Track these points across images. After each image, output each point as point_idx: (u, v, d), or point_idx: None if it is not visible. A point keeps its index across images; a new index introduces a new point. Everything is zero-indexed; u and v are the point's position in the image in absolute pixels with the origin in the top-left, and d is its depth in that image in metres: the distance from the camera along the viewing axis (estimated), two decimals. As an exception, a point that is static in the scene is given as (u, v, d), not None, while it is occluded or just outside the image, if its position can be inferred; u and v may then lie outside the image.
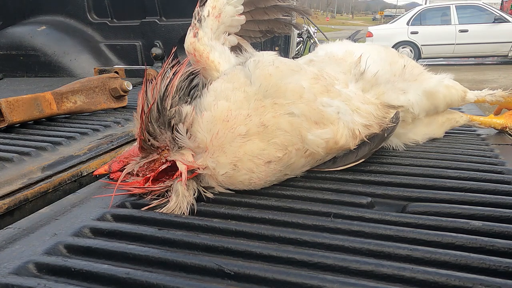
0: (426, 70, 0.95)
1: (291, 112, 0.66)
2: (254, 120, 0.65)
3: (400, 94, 0.84)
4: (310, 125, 0.68)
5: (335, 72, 0.81)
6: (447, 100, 0.92)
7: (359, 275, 0.48)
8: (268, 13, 0.96)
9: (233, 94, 0.67)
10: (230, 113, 0.65)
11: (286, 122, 0.66)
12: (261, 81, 0.67)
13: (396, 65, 0.88)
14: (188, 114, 0.65)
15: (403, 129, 0.90)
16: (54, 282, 0.48)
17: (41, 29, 2.36)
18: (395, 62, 0.89)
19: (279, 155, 0.66)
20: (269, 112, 0.66)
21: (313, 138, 0.68)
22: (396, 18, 10.54)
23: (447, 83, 0.92)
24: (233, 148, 0.64)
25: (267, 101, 0.66)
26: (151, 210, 0.64)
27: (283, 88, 0.67)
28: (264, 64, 0.69)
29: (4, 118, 1.08)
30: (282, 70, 0.69)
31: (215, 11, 0.84)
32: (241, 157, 0.65)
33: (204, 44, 0.81)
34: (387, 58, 0.89)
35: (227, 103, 0.66)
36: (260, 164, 0.66)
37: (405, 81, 0.87)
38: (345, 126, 0.72)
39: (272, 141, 0.65)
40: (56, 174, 0.85)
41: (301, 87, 0.69)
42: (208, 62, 0.81)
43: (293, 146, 0.67)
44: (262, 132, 0.65)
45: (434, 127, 0.98)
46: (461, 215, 0.61)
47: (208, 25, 0.83)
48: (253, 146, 0.65)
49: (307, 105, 0.68)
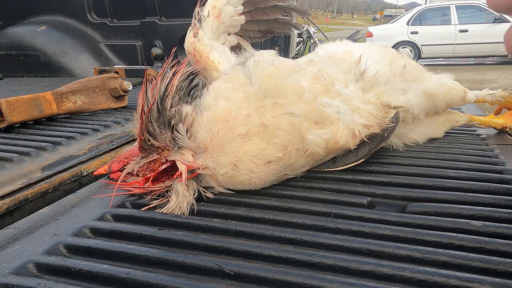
0: (426, 70, 0.95)
1: (291, 112, 0.66)
2: (254, 120, 0.65)
3: (400, 94, 0.84)
4: (310, 125, 0.68)
5: (335, 72, 0.81)
6: (447, 100, 0.92)
7: (359, 275, 0.48)
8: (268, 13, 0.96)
9: (233, 94, 0.66)
10: (230, 113, 0.65)
11: (286, 122, 0.66)
12: (261, 81, 0.67)
13: (396, 65, 0.88)
14: (188, 114, 0.65)
15: (403, 129, 0.90)
16: (54, 282, 0.48)
17: (41, 29, 2.36)
18: (395, 62, 0.89)
19: (279, 155, 0.66)
20: (269, 112, 0.66)
21: (313, 138, 0.68)
22: (396, 18, 10.54)
23: (447, 83, 0.92)
24: (233, 148, 0.64)
25: (267, 101, 0.66)
26: (151, 210, 0.64)
27: (283, 88, 0.67)
28: (264, 64, 0.69)
29: (4, 118, 1.08)
30: (282, 70, 0.69)
31: (215, 11, 0.84)
32: (241, 157, 0.65)
33: (204, 44, 0.81)
34: (387, 58, 0.89)
35: (227, 103, 0.66)
36: (260, 164, 0.65)
37: (405, 81, 0.87)
38: (345, 126, 0.72)
39: (272, 141, 0.65)
40: (56, 174, 0.85)
41: (301, 87, 0.69)
42: (208, 62, 0.81)
43: (293, 146, 0.67)
44: (262, 132, 0.65)
45: (434, 127, 0.97)
46: (461, 215, 0.61)
47: (208, 25, 0.83)
48: (253, 146, 0.65)
49: (307, 105, 0.68)
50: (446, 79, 0.93)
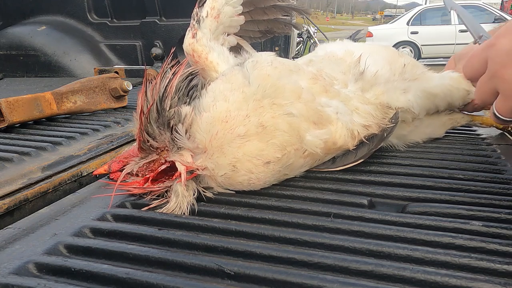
0: (428, 69, 0.94)
1: (289, 112, 0.66)
2: (253, 120, 0.65)
3: (400, 93, 0.84)
4: (309, 126, 0.68)
5: (335, 72, 0.81)
6: (448, 99, 0.91)
7: (359, 275, 0.48)
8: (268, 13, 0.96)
9: (231, 94, 0.66)
10: (229, 113, 0.65)
11: (285, 122, 0.66)
12: (259, 82, 0.67)
13: (396, 65, 0.87)
14: (187, 115, 0.65)
15: (403, 130, 0.90)
16: (54, 282, 0.48)
17: (41, 29, 2.35)
18: (395, 61, 0.88)
19: (278, 155, 0.66)
20: (267, 112, 0.66)
21: (312, 138, 0.68)
22: (396, 18, 10.55)
23: (449, 82, 0.91)
24: (232, 149, 0.64)
25: (265, 102, 0.66)
26: (151, 210, 0.64)
27: (281, 88, 0.67)
28: (262, 64, 0.69)
29: (4, 118, 1.08)
30: (280, 70, 0.69)
31: (214, 11, 0.84)
32: (240, 158, 0.65)
33: (202, 45, 0.81)
34: (387, 57, 0.89)
35: (226, 103, 0.66)
36: (259, 164, 0.65)
37: (405, 80, 0.86)
38: (344, 126, 0.72)
39: (271, 142, 0.65)
40: (56, 174, 0.85)
41: (300, 87, 0.69)
42: (206, 63, 0.81)
43: (291, 147, 0.67)
44: (261, 133, 0.65)
45: (434, 127, 0.96)
46: (460, 215, 0.61)
47: (206, 25, 0.83)
48: (252, 146, 0.65)
49: (306, 105, 0.68)
50: (447, 78, 0.91)
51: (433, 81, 0.89)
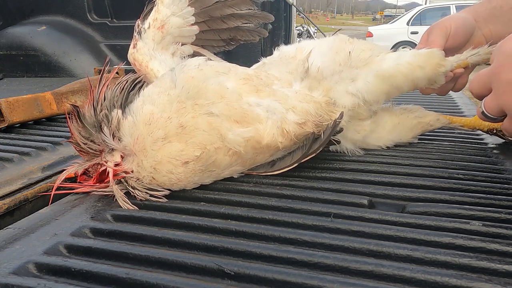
0: (386, 51, 0.84)
1: (210, 112, 0.68)
2: (174, 122, 0.67)
3: (349, 84, 0.79)
4: (231, 124, 0.69)
5: (281, 72, 0.81)
6: (410, 78, 0.81)
7: (359, 275, 0.48)
8: (227, 22, 0.95)
9: (158, 97, 0.69)
10: (152, 116, 0.67)
11: (205, 121, 0.68)
12: (183, 84, 0.69)
13: (342, 54, 0.82)
14: (114, 118, 0.68)
15: (357, 133, 0.84)
16: (54, 282, 0.48)
17: (41, 29, 2.35)
18: (342, 50, 0.82)
19: (197, 154, 0.67)
20: (189, 113, 0.68)
21: (233, 137, 0.69)
22: (396, 18, 10.55)
23: (407, 60, 0.80)
24: (153, 151, 0.67)
25: (188, 103, 0.68)
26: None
27: (204, 89, 0.69)
28: (189, 67, 0.71)
29: (4, 118, 1.08)
30: (206, 72, 0.70)
31: (157, 23, 0.89)
32: (160, 160, 0.67)
33: (143, 54, 0.87)
34: (334, 47, 0.84)
35: (151, 106, 0.68)
36: (178, 165, 0.67)
37: (352, 68, 0.81)
38: (274, 124, 0.71)
39: (190, 141, 0.67)
40: (56, 174, 0.85)
41: (224, 87, 0.70)
42: (147, 71, 0.86)
43: (212, 145, 0.68)
44: (180, 133, 0.67)
45: (401, 132, 0.89)
46: (460, 215, 0.61)
47: (149, 36, 0.88)
48: (171, 148, 0.67)
49: (228, 105, 0.69)
50: (406, 56, 0.81)
51: (386, 62, 0.81)
